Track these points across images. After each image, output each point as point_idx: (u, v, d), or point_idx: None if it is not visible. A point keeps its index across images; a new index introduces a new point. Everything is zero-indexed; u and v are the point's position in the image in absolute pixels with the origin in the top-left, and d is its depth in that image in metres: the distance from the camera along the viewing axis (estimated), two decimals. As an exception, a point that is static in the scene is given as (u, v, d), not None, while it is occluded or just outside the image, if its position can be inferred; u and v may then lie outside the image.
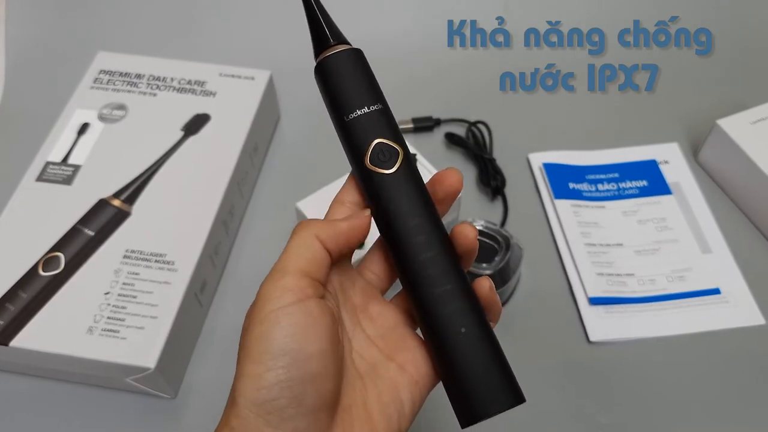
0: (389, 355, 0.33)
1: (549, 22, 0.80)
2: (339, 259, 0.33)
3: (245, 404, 0.27)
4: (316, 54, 0.36)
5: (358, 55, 0.35)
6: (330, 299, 0.32)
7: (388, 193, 0.33)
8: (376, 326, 0.34)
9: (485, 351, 0.32)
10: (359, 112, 0.33)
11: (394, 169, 0.33)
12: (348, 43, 0.35)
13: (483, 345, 0.32)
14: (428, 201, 0.33)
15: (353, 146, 0.34)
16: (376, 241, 0.36)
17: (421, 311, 0.32)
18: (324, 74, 0.35)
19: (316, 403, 0.28)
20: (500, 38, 0.80)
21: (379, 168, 0.33)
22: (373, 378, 0.32)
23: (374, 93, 0.34)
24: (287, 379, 0.27)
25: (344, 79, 0.34)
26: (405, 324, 0.35)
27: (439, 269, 0.32)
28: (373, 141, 0.33)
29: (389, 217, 0.33)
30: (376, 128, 0.33)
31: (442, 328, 0.31)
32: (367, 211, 0.33)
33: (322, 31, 0.35)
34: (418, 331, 0.35)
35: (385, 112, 0.34)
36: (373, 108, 0.33)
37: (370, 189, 0.33)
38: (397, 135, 0.34)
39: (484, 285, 0.33)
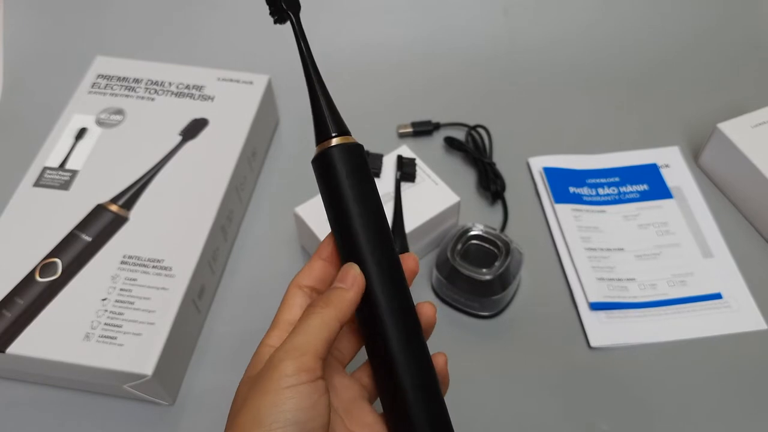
0: (351, 427, 0.35)
1: (551, 26, 0.80)
2: None
3: None
4: (317, 143, 0.37)
5: (354, 149, 0.36)
6: None
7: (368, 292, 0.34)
8: (339, 399, 0.36)
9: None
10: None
11: None
12: (347, 134, 0.36)
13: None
14: (405, 292, 0.36)
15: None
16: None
17: (385, 398, 0.35)
18: (320, 169, 0.37)
19: None
20: (500, 41, 0.80)
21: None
22: None
23: (344, 202, 0.35)
24: None
25: (350, 175, 0.36)
26: (364, 398, 0.38)
27: (408, 356, 0.34)
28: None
29: (370, 305, 0.35)
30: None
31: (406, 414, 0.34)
32: (356, 269, 0.35)
33: (323, 121, 0.36)
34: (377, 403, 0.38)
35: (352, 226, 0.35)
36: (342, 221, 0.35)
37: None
38: (361, 256, 0.35)
39: (440, 361, 0.37)
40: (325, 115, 0.36)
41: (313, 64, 0.37)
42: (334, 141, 0.35)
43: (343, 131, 0.36)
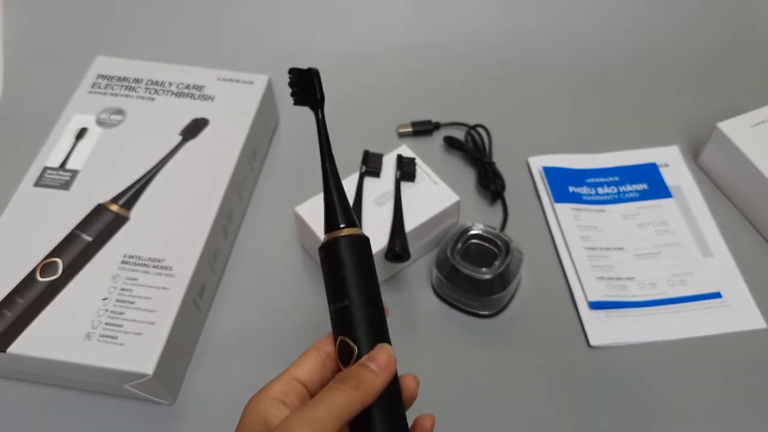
0: None
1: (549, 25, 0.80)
2: None
3: None
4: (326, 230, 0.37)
5: (332, 245, 0.36)
6: None
7: None
8: None
9: None
10: (333, 307, 0.35)
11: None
12: (336, 229, 0.36)
13: None
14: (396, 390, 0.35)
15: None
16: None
17: None
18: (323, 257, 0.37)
19: None
20: (499, 41, 0.80)
21: (342, 361, 0.35)
22: None
23: (340, 288, 0.35)
24: None
25: (324, 272, 0.36)
26: None
27: None
28: (338, 337, 0.35)
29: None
30: (340, 325, 0.35)
31: None
32: (390, 351, 0.34)
33: (334, 210, 0.37)
34: None
35: (348, 309, 0.35)
36: (340, 304, 0.35)
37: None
38: (357, 334, 0.35)
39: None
40: (336, 206, 0.37)
41: (331, 156, 0.39)
42: (344, 232, 0.36)
43: (351, 223, 0.37)
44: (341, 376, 0.33)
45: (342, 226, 0.36)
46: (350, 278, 0.35)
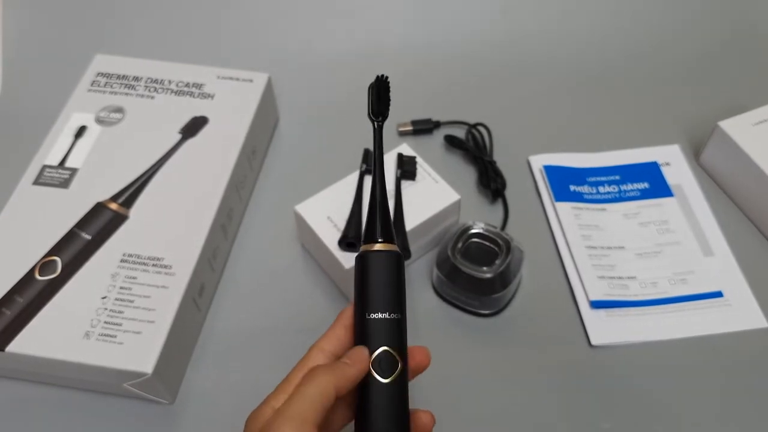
0: None
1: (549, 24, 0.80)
2: None
3: None
4: (363, 241, 0.38)
5: (396, 259, 0.38)
6: None
7: (377, 399, 0.35)
8: None
9: None
10: (380, 316, 0.36)
11: (389, 380, 0.35)
12: (393, 242, 0.38)
13: None
14: (405, 416, 0.36)
15: (363, 341, 0.36)
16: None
17: None
18: (363, 266, 0.38)
19: None
20: (499, 40, 0.80)
21: (377, 374, 0.35)
22: None
23: (399, 302, 0.37)
24: None
25: (378, 280, 0.37)
26: None
27: None
28: (380, 346, 0.36)
29: (369, 416, 0.35)
30: (388, 336, 0.36)
31: None
32: (364, 351, 0.36)
33: (374, 225, 0.38)
34: None
35: (401, 324, 0.37)
36: (392, 316, 0.36)
37: (363, 384, 0.36)
38: (403, 348, 0.36)
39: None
40: (377, 220, 0.38)
41: (382, 171, 0.40)
42: (377, 246, 0.37)
43: (389, 239, 0.38)
44: (314, 367, 0.35)
45: (380, 240, 0.38)
46: (402, 293, 0.37)
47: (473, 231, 0.58)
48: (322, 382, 0.34)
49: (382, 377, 0.35)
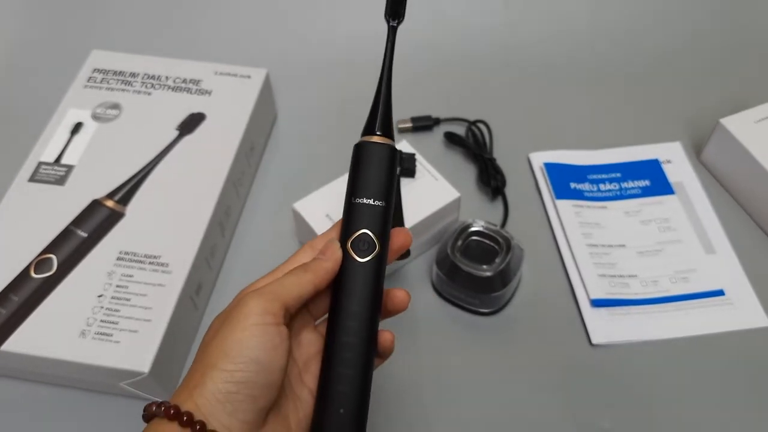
0: (305, 379, 0.38)
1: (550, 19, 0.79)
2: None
3: (212, 390, 0.32)
4: (362, 133, 0.40)
5: (392, 153, 0.39)
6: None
7: (351, 276, 0.37)
8: (302, 352, 0.39)
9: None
10: (365, 201, 0.38)
11: (365, 260, 0.37)
12: (391, 138, 0.39)
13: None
14: (377, 297, 0.37)
15: (346, 225, 0.38)
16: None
17: (322, 373, 0.37)
18: (357, 155, 0.39)
19: (264, 405, 0.34)
20: (500, 36, 0.80)
21: (354, 253, 0.37)
22: (295, 397, 0.37)
23: (385, 192, 0.38)
24: (251, 382, 0.33)
25: (368, 168, 0.38)
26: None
27: (352, 353, 0.36)
28: (361, 229, 0.37)
29: (341, 294, 0.37)
30: (370, 220, 0.38)
31: (329, 399, 0.36)
32: (336, 246, 0.37)
33: (375, 118, 0.39)
34: None
35: (385, 212, 0.38)
36: (377, 203, 0.38)
37: (342, 267, 0.37)
38: (384, 234, 0.38)
39: (387, 338, 0.39)
40: (379, 115, 0.39)
41: (390, 70, 0.41)
42: (375, 138, 0.39)
43: (387, 134, 0.39)
44: (294, 267, 0.37)
45: (378, 133, 0.39)
46: (392, 185, 0.39)
47: (473, 229, 0.58)
48: (301, 276, 0.36)
49: (358, 257, 0.37)
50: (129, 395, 0.51)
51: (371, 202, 0.38)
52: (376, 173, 0.38)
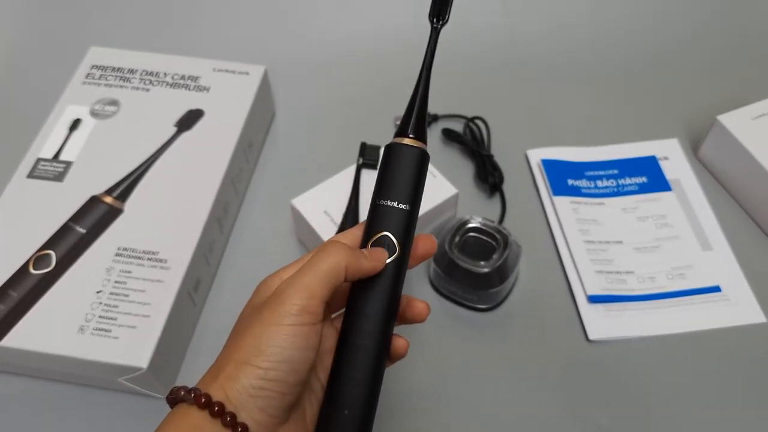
0: (319, 374, 0.37)
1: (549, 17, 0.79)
2: None
3: (245, 384, 0.32)
4: (395, 134, 0.39)
5: (422, 157, 0.38)
6: None
7: (369, 278, 0.36)
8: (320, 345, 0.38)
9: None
10: (389, 203, 0.37)
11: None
12: (424, 142, 0.38)
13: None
14: (394, 301, 0.37)
15: (369, 226, 0.37)
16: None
17: (332, 371, 0.36)
18: (386, 156, 0.38)
19: (292, 401, 0.34)
20: (498, 32, 0.80)
21: None
22: (311, 391, 0.37)
23: (411, 195, 0.38)
24: (283, 380, 0.32)
25: (397, 171, 0.38)
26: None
27: (362, 356, 0.36)
28: (382, 231, 0.37)
29: (357, 294, 0.37)
30: (392, 223, 0.37)
31: (335, 399, 0.35)
32: (385, 255, 0.36)
33: (409, 120, 0.38)
34: None
35: (409, 216, 0.37)
36: (401, 206, 0.37)
37: None
38: (406, 239, 0.37)
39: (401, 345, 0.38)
40: (413, 117, 0.39)
41: (428, 73, 0.41)
42: (406, 141, 0.38)
43: (419, 137, 0.38)
44: (327, 242, 0.36)
45: (411, 135, 0.38)
46: (419, 190, 0.38)
47: (470, 225, 0.58)
48: (335, 259, 0.34)
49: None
50: (127, 391, 0.51)
51: (395, 204, 0.37)
52: (404, 176, 0.37)
